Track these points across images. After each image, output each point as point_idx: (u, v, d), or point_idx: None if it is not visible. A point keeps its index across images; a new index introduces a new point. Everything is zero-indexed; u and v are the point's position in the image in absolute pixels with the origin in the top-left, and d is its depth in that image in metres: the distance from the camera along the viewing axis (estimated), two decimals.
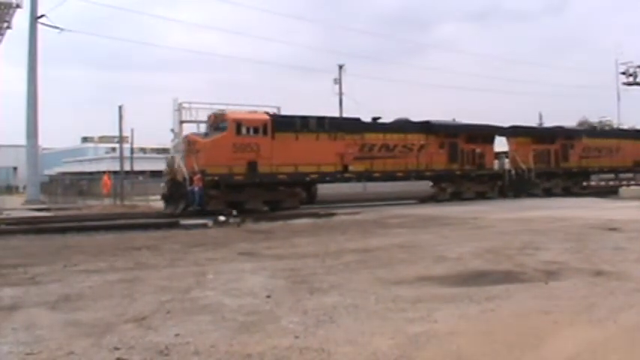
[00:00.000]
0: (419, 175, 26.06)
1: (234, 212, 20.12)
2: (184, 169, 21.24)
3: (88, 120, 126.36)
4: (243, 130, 21.69)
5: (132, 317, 5.99)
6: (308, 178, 23.10)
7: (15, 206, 29.27)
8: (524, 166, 29.37)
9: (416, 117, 27.68)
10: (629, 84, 51.19)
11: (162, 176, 23.30)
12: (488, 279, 7.82)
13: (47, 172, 55.28)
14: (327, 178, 23.53)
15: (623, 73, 51.00)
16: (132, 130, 35.23)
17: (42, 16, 31.56)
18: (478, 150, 28.20)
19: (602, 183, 33.08)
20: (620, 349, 4.90)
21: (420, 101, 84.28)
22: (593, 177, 32.71)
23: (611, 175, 33.64)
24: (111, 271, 9.09)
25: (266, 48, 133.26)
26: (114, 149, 49.15)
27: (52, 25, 31.52)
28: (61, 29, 31.73)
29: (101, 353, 4.85)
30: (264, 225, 17.71)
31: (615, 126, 40.96)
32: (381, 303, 6.50)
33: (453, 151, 27.34)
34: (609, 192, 31.12)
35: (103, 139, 63.94)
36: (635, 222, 15.13)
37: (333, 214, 20.16)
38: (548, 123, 36.30)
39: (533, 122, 37.68)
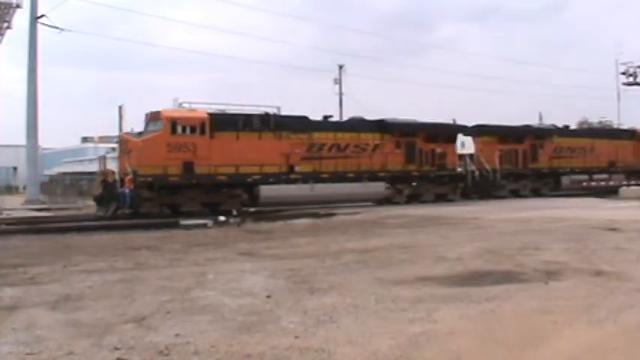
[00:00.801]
0: (372, 176, 24.81)
1: (234, 212, 20.11)
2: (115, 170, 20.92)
3: (88, 120, 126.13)
4: (179, 129, 20.77)
5: (132, 317, 6.00)
6: (250, 179, 22.01)
7: (15, 206, 29.24)
8: (488, 167, 28.21)
9: (416, 117, 27.55)
10: (629, 84, 51.09)
11: (96, 177, 22.61)
12: (488, 279, 7.83)
13: (47, 172, 55.03)
14: (271, 180, 22.40)
15: (623, 73, 50.92)
16: (132, 130, 35.20)
17: (42, 16, 31.54)
18: (439, 150, 26.94)
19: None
20: (620, 349, 4.90)
21: (420, 101, 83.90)
22: (564, 178, 31.13)
23: (585, 177, 32.12)
24: (111, 271, 9.09)
25: (266, 48, 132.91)
26: (114, 149, 49.07)
27: (52, 25, 31.53)
28: (61, 29, 31.72)
29: (101, 353, 4.85)
30: (264, 225, 17.73)
31: (615, 126, 40.83)
32: (381, 303, 6.50)
33: (410, 151, 25.98)
34: (585, 194, 30.19)
35: (103, 139, 63.78)
36: (635, 222, 15.12)
37: (333, 214, 20.19)
38: (548, 123, 35.96)
39: (532, 122, 37.35)
